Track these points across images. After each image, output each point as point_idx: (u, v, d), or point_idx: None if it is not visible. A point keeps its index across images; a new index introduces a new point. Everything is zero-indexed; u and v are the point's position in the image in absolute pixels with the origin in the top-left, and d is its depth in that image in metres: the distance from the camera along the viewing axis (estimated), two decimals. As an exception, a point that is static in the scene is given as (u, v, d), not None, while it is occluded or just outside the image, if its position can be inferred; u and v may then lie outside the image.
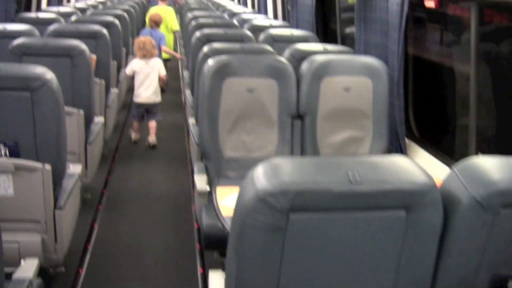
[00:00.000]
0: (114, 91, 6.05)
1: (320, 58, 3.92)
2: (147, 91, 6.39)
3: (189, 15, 8.62)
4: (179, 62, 10.62)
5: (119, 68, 7.01)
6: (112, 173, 5.72)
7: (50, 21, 6.57)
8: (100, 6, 10.59)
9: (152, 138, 6.58)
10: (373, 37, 4.21)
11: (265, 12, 9.72)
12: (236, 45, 4.84)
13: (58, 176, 3.26)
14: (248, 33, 5.89)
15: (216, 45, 4.74)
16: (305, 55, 4.36)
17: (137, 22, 10.63)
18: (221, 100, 3.75)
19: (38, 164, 3.08)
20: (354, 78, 3.85)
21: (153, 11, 9.11)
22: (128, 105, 8.27)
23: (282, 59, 4.01)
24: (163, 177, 5.72)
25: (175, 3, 12.95)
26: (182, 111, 8.16)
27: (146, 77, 6.37)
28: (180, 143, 6.84)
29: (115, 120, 6.42)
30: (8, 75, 3.11)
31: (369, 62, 3.90)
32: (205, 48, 4.71)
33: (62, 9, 8.30)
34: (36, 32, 5.46)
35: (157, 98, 6.52)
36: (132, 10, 9.97)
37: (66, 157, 3.40)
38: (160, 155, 6.43)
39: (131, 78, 6.60)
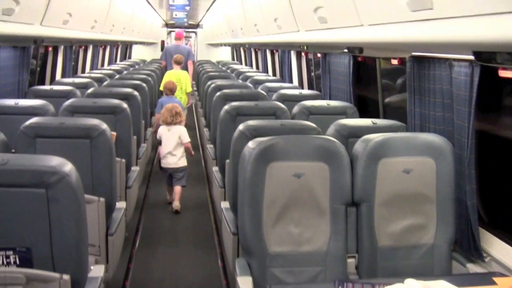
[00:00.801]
0: (135, 169, 5.58)
1: (376, 137, 3.46)
2: (170, 156, 6.51)
3: (210, 84, 8.06)
4: (197, 132, 10.12)
5: (139, 143, 6.61)
6: (134, 260, 5.18)
7: (65, 94, 6.22)
8: (116, 75, 10.24)
9: (175, 204, 6.58)
10: (431, 111, 3.74)
11: (290, 80, 9.22)
12: (275, 123, 4.39)
13: (78, 285, 2.73)
14: (281, 105, 5.36)
15: (253, 123, 4.25)
16: (353, 131, 4.07)
17: (155, 90, 10.26)
18: (265, 187, 3.27)
19: (54, 274, 2.57)
20: (415, 158, 3.39)
21: (168, 76, 9.49)
22: (147, 179, 7.91)
23: (333, 139, 3.52)
24: (190, 265, 5.16)
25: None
26: (203, 185, 7.65)
27: (168, 143, 6.50)
28: (205, 224, 6.31)
29: (136, 198, 5.92)
30: (18, 169, 2.63)
31: (431, 140, 3.43)
32: (241, 127, 4.22)
33: (77, 80, 7.86)
34: (51, 108, 5.09)
35: (181, 163, 6.57)
36: (150, 78, 9.57)
37: (88, 263, 2.89)
38: (184, 237, 5.90)
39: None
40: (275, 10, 5.75)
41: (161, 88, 8.96)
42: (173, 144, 6.49)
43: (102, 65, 13.24)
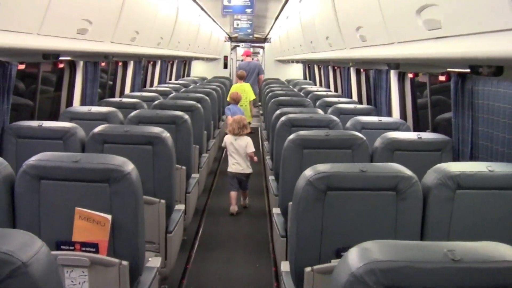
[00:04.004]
0: (195, 176, 6.01)
1: None
2: (237, 163, 7.28)
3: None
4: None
5: (201, 153, 6.98)
6: (192, 261, 5.59)
7: (133, 106, 6.73)
8: (183, 88, 10.78)
9: (244, 202, 7.62)
10: None
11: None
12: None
13: (136, 271, 3.15)
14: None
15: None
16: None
17: (218, 104, 10.64)
18: None
19: (114, 260, 2.98)
20: None
21: (233, 89, 11.53)
22: (208, 189, 8.37)
23: None
24: (244, 269, 5.50)
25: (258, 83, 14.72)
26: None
27: (234, 152, 7.28)
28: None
29: (195, 206, 6.33)
30: (89, 167, 3.07)
31: None
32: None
33: (144, 94, 8.47)
34: (120, 114, 5.73)
35: (246, 170, 7.31)
36: (214, 92, 10.03)
37: (145, 252, 3.27)
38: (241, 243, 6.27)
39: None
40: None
41: (228, 98, 10.58)
42: (241, 153, 7.22)
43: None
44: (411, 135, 4.62)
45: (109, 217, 3.03)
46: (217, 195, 8.28)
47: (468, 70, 2.89)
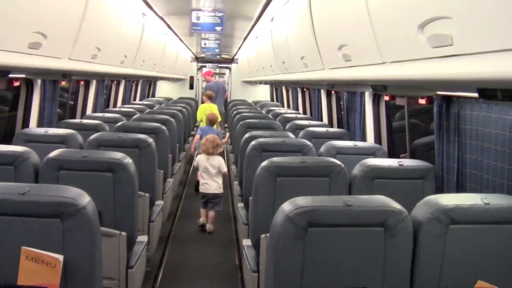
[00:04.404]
0: (159, 203, 5.65)
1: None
2: (209, 184, 7.16)
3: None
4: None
5: (165, 178, 6.65)
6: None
7: (93, 128, 6.36)
8: (147, 109, 10.44)
9: (209, 226, 7.30)
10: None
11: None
12: None
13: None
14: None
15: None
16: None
17: (184, 126, 10.29)
18: None
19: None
20: None
21: (201, 109, 10.88)
22: (173, 215, 8.01)
23: None
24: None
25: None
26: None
27: (205, 171, 7.15)
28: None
29: (159, 234, 5.94)
30: (38, 200, 2.69)
31: None
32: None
33: (107, 115, 8.09)
34: (79, 138, 5.45)
35: (218, 190, 7.20)
36: (179, 114, 9.67)
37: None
38: (208, 273, 5.87)
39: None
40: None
41: (199, 118, 10.74)
42: (213, 172, 7.11)
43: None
44: (392, 162, 4.36)
45: (60, 257, 2.65)
46: (182, 221, 7.89)
47: (475, 94, 2.58)
